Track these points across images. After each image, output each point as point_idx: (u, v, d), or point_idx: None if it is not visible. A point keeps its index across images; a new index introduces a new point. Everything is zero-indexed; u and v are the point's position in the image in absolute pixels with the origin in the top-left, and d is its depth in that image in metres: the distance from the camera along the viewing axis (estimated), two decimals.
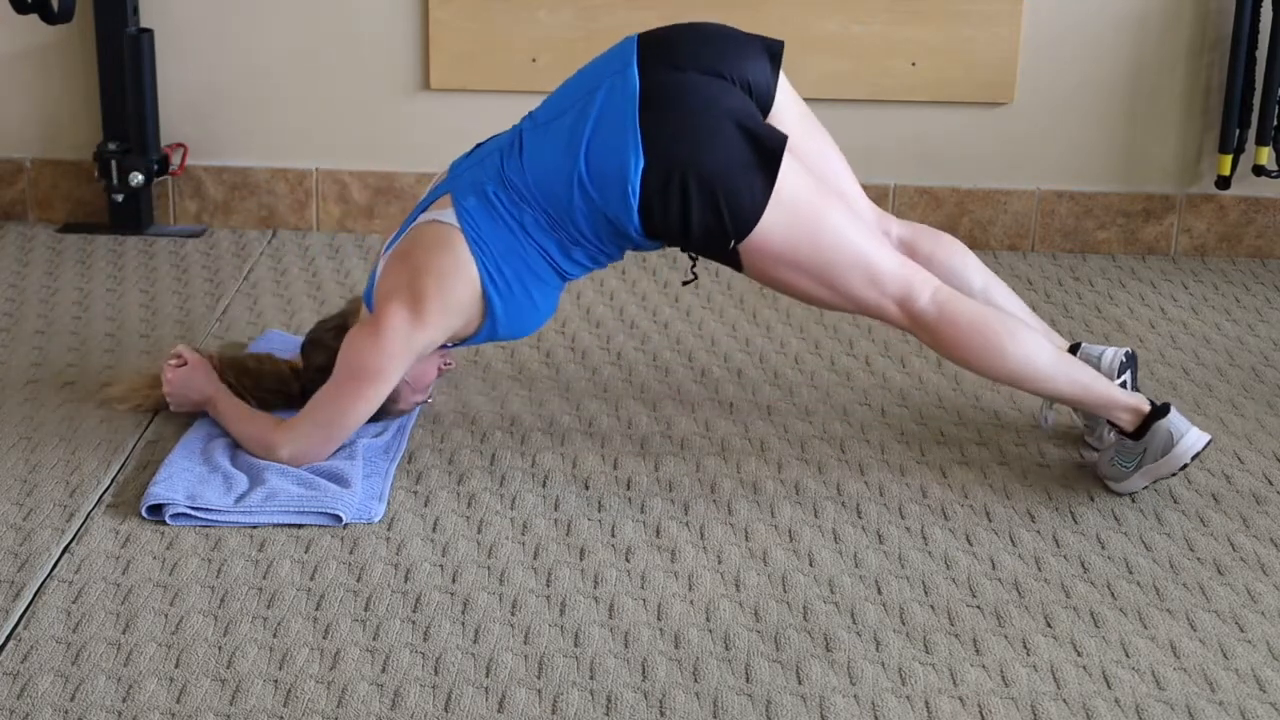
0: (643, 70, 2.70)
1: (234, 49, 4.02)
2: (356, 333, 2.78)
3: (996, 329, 2.74)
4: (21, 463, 2.86)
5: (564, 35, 3.94)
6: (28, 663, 2.29)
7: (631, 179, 2.65)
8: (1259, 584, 2.56)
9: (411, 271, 2.76)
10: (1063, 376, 2.76)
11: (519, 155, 2.74)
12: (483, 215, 2.74)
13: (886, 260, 2.75)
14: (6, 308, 3.59)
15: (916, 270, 2.77)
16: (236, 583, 2.50)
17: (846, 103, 4.00)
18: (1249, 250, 4.07)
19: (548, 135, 2.73)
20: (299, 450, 2.79)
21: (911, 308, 2.74)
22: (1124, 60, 3.97)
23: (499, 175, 2.75)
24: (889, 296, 2.74)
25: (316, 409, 2.80)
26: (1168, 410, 2.74)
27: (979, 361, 2.76)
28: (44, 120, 4.11)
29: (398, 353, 2.74)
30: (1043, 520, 2.74)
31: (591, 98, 2.71)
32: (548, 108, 2.80)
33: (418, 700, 2.22)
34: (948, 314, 2.74)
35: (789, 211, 2.68)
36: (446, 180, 2.84)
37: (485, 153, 2.83)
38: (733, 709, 2.22)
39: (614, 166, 2.66)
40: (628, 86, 2.68)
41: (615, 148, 2.66)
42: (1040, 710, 2.23)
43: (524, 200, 2.73)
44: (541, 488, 2.82)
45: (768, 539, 2.67)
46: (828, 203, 2.74)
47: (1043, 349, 2.77)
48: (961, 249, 3.00)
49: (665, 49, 2.74)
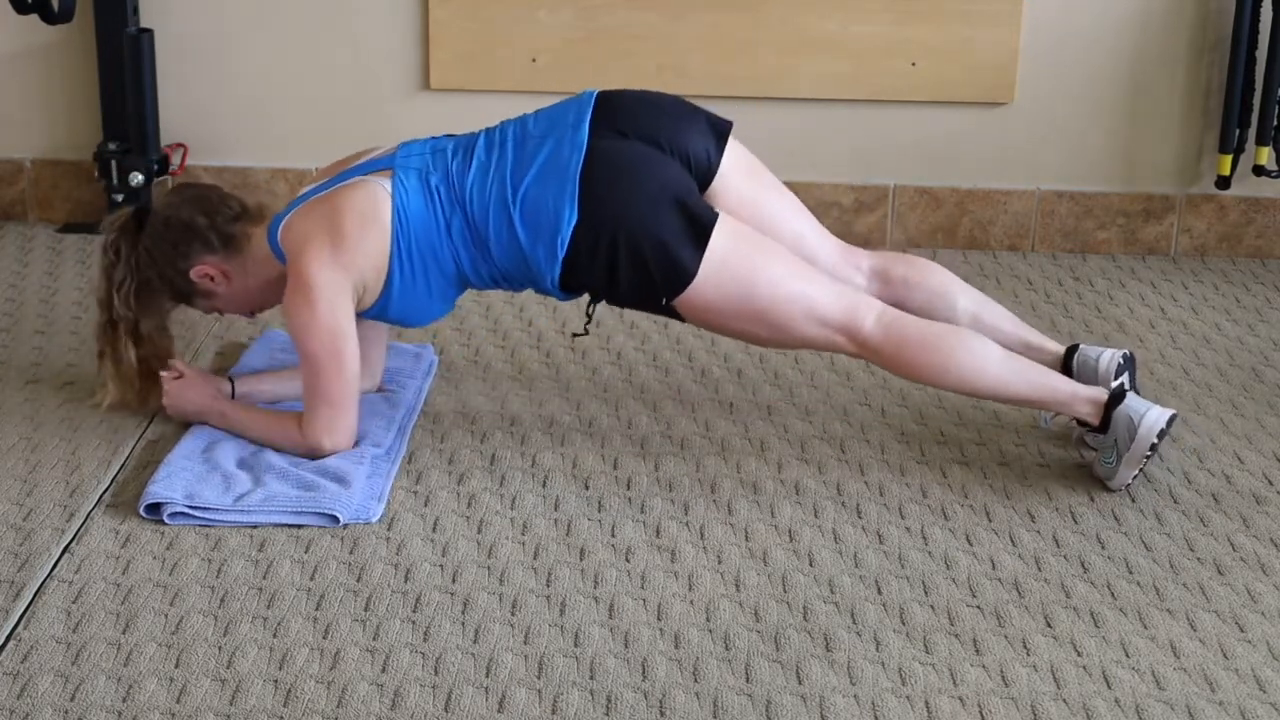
0: (593, 129, 2.79)
1: (234, 49, 4.03)
2: (292, 304, 2.78)
3: (945, 343, 2.79)
4: (21, 463, 2.86)
5: (564, 35, 3.94)
6: (28, 663, 2.29)
7: (563, 231, 2.73)
8: (1259, 584, 2.56)
9: (331, 212, 2.80)
10: (1018, 380, 2.80)
11: (469, 165, 2.81)
12: (417, 198, 2.79)
13: (825, 296, 2.79)
14: (6, 308, 3.59)
15: (858, 297, 2.83)
16: (236, 583, 2.50)
17: (846, 103, 4.00)
18: (1249, 250, 4.07)
19: (495, 161, 2.80)
20: (333, 434, 2.81)
21: (858, 335, 2.79)
22: (1124, 61, 3.97)
23: (446, 173, 2.81)
24: (833, 329, 2.79)
25: (314, 392, 2.81)
26: (1123, 396, 2.76)
27: (931, 377, 2.81)
28: (44, 120, 4.11)
29: (335, 300, 2.75)
30: (1043, 520, 2.74)
31: (542, 143, 2.79)
32: (502, 133, 2.86)
33: (418, 700, 2.22)
34: (894, 335, 2.78)
35: (720, 267, 2.75)
36: (392, 157, 2.87)
37: (440, 146, 2.87)
38: (733, 709, 2.22)
39: (548, 214, 2.74)
40: (576, 142, 2.77)
41: (553, 197, 2.74)
42: (1040, 710, 2.23)
43: (457, 205, 2.79)
44: (541, 488, 2.82)
45: (768, 539, 2.67)
46: (760, 251, 2.80)
47: (992, 357, 2.79)
48: (939, 272, 3.03)
49: (617, 114, 2.83)
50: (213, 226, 2.86)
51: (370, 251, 2.78)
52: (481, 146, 2.83)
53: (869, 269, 3.00)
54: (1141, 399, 2.78)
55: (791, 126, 4.02)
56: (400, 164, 2.84)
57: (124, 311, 2.91)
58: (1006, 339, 2.95)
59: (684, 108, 2.94)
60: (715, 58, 3.95)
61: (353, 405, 2.83)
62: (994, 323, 2.97)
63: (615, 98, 2.87)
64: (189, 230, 2.85)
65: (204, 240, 2.85)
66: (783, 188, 3.03)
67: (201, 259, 2.86)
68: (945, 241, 4.07)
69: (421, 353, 3.32)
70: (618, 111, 2.83)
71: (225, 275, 2.88)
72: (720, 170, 2.90)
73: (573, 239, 2.73)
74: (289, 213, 2.85)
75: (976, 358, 2.78)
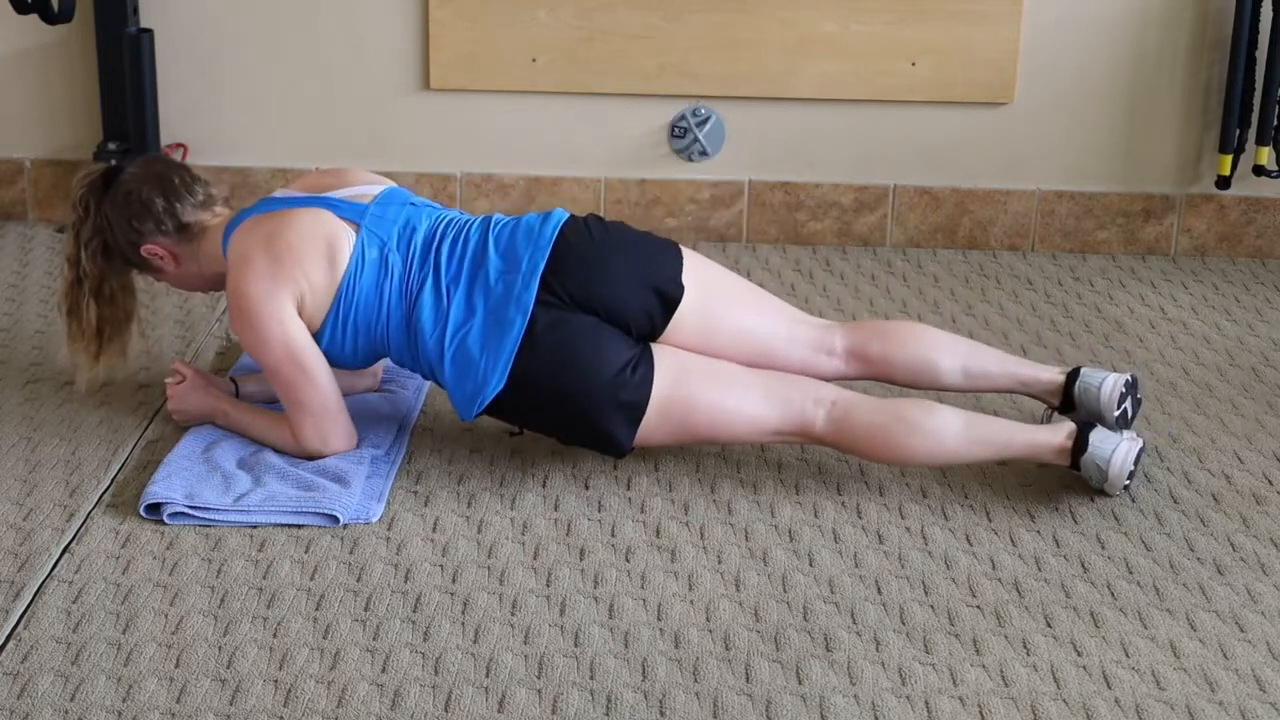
0: (540, 293, 2.72)
1: (234, 49, 4.02)
2: (237, 327, 2.78)
3: (897, 432, 2.76)
4: (21, 463, 2.86)
5: (564, 35, 3.94)
6: (28, 663, 2.29)
7: (485, 394, 2.73)
8: (1259, 584, 2.56)
9: (281, 229, 2.78)
10: (978, 445, 2.77)
11: (425, 273, 2.78)
12: (371, 271, 2.77)
13: (769, 410, 2.77)
14: (6, 308, 3.59)
15: (803, 398, 2.78)
16: (236, 583, 2.50)
17: (846, 103, 4.00)
18: (1249, 250, 4.07)
19: (449, 287, 2.76)
20: (328, 441, 2.81)
21: (811, 434, 2.79)
22: (1124, 60, 3.97)
23: (406, 259, 2.79)
24: (787, 434, 2.80)
25: (293, 406, 2.81)
26: (1086, 444, 2.73)
27: (891, 459, 2.80)
28: (44, 120, 4.11)
29: (278, 313, 2.74)
30: (1043, 520, 2.74)
31: (492, 289, 2.74)
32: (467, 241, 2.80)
33: (418, 700, 2.22)
34: (846, 430, 2.77)
35: (660, 415, 2.75)
36: (367, 210, 2.82)
37: (413, 222, 2.83)
38: (733, 709, 2.22)
39: (476, 374, 2.72)
40: (522, 306, 2.72)
41: (485, 362, 2.71)
42: (1040, 710, 2.23)
43: (404, 299, 2.78)
44: (541, 488, 2.82)
45: (768, 539, 2.67)
46: (695, 387, 2.76)
47: (949, 430, 2.76)
48: (918, 332, 2.99)
49: (566, 275, 2.75)
50: (169, 210, 2.86)
51: (314, 281, 2.76)
52: (444, 254, 2.78)
53: (844, 351, 2.93)
54: (1108, 436, 2.74)
55: (791, 126, 4.02)
56: (369, 225, 2.80)
57: (90, 268, 2.91)
58: (997, 383, 2.95)
59: (635, 266, 2.81)
60: (715, 58, 3.94)
61: (336, 409, 2.82)
62: (983, 371, 2.94)
63: (571, 246, 2.78)
64: (145, 209, 2.86)
65: (157, 222, 2.86)
66: (741, 295, 2.94)
67: (153, 238, 2.87)
68: (945, 241, 4.07)
69: None
70: (568, 265, 2.75)
71: (174, 258, 2.89)
72: (680, 307, 2.82)
73: (496, 399, 2.73)
74: (249, 215, 2.85)
75: (930, 439, 2.75)
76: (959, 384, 2.94)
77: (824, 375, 2.91)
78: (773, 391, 2.79)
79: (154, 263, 2.90)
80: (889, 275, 3.88)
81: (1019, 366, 2.98)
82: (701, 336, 2.84)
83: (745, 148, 4.03)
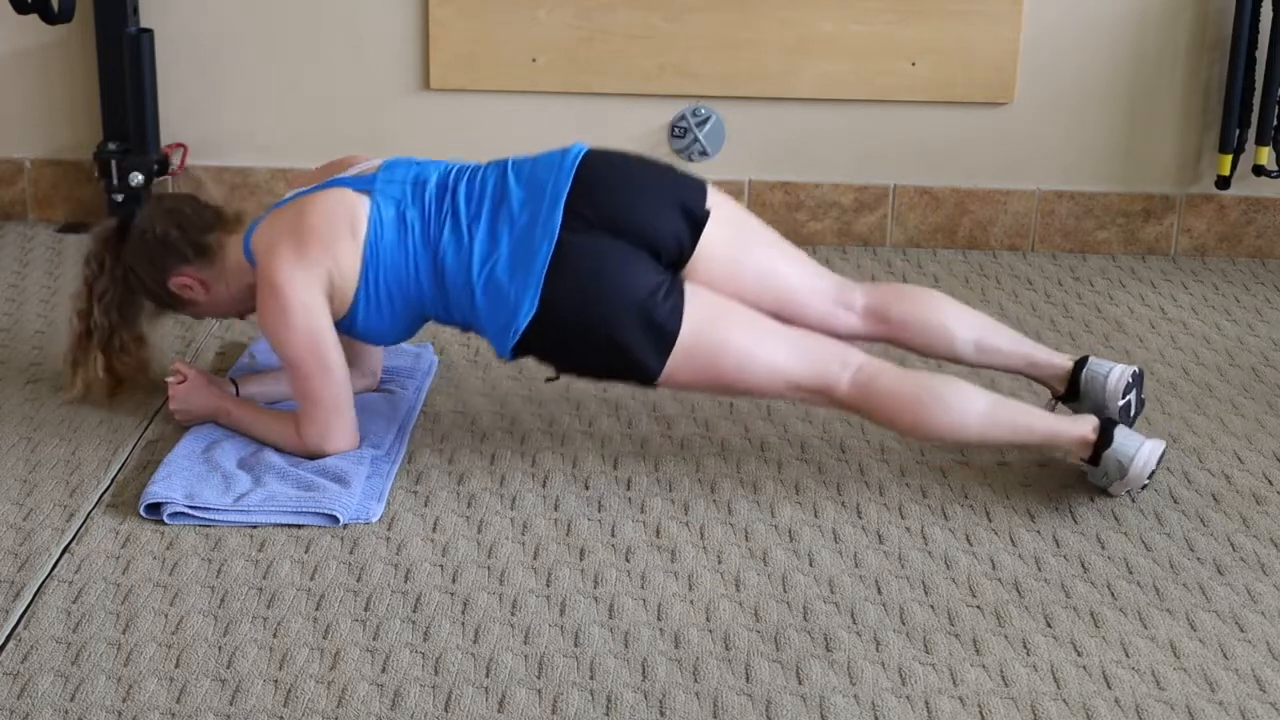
0: (565, 217, 2.72)
1: (234, 49, 4.02)
2: (265, 312, 2.78)
3: (922, 401, 2.74)
4: (21, 463, 2.86)
5: (564, 35, 3.94)
6: (28, 663, 2.29)
7: (519, 321, 2.72)
8: (1259, 584, 2.56)
9: (300, 215, 2.79)
10: (1000, 428, 2.75)
11: (444, 213, 2.79)
12: (391, 231, 2.78)
13: (797, 363, 2.76)
14: (6, 308, 3.59)
15: (831, 357, 2.78)
16: (236, 583, 2.50)
17: (846, 103, 4.00)
18: (1249, 250, 4.07)
19: (470, 221, 2.77)
20: (334, 438, 2.81)
21: (834, 396, 2.77)
22: (1124, 60, 3.97)
23: (423, 210, 2.79)
24: (809, 391, 2.78)
25: (305, 398, 2.81)
26: (1111, 438, 2.72)
27: (913, 433, 2.78)
28: (44, 120, 4.11)
29: (308, 302, 2.74)
30: (1043, 520, 2.74)
31: (515, 219, 2.75)
32: (485, 182, 2.81)
33: (418, 700, 2.22)
34: (871, 394, 2.75)
35: (686, 354, 2.73)
36: (375, 178, 2.84)
37: (422, 176, 2.84)
38: (733, 709, 2.22)
39: (508, 302, 2.72)
40: (548, 230, 2.72)
41: (515, 288, 2.71)
42: (1040, 710, 2.23)
43: (429, 248, 2.77)
44: (541, 488, 2.82)
45: (768, 539, 2.67)
46: (727, 329, 2.76)
47: (973, 409, 2.74)
48: (935, 300, 2.99)
49: (591, 198, 2.75)
50: (186, 239, 2.87)
51: (340, 258, 2.77)
52: (461, 194, 2.79)
53: (863, 308, 2.94)
54: (1132, 435, 2.73)
55: (791, 126, 4.02)
56: (380, 189, 2.81)
57: (102, 321, 2.94)
58: (1008, 360, 2.94)
59: (661, 190, 2.83)
60: (715, 58, 3.95)
61: (347, 405, 2.83)
62: (995, 346, 2.94)
63: (595, 172, 2.78)
64: (163, 244, 2.87)
65: (179, 253, 2.87)
66: (764, 235, 2.94)
67: (179, 270, 2.88)
68: (945, 241, 4.07)
69: (421, 353, 3.32)
70: (592, 194, 2.76)
71: (203, 284, 2.89)
72: (702, 241, 2.82)
73: (529, 328, 2.72)
74: (264, 218, 2.86)
75: (954, 414, 2.73)
76: (970, 357, 2.94)
77: (840, 331, 2.90)
78: (802, 346, 2.79)
79: (186, 295, 2.91)
80: (889, 275, 3.89)
81: (1032, 348, 2.97)
82: (728, 273, 2.83)
83: (745, 148, 4.04)
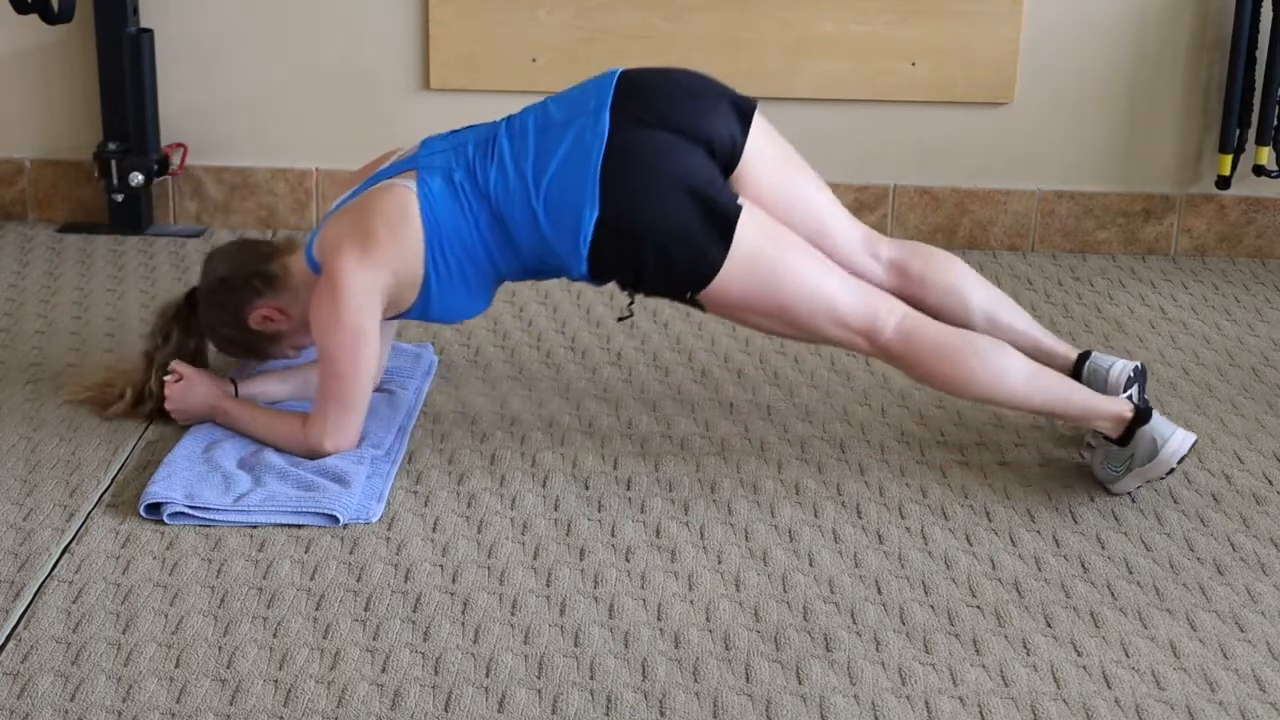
0: (614, 118, 2.74)
1: (234, 49, 4.02)
2: (319, 303, 2.78)
3: (965, 353, 2.76)
4: (21, 463, 2.86)
5: (564, 35, 3.94)
6: (28, 663, 2.29)
7: (585, 227, 2.71)
8: (1259, 584, 2.56)
9: (361, 217, 2.80)
10: (1038, 393, 2.77)
11: (490, 157, 2.79)
12: (444, 198, 2.78)
13: (848, 298, 2.78)
14: (6, 308, 3.59)
15: (880, 301, 2.80)
16: (236, 583, 2.50)
17: (846, 103, 4.00)
18: (1249, 250, 4.07)
19: (516, 152, 2.78)
20: (337, 434, 2.81)
21: (877, 340, 2.78)
22: (1124, 60, 3.97)
23: (470, 167, 2.79)
24: (854, 331, 2.78)
25: (326, 392, 2.81)
26: (1149, 416, 2.73)
27: (950, 385, 2.79)
28: (44, 120, 4.11)
29: (363, 302, 2.76)
30: (1043, 520, 2.74)
31: (562, 134, 2.76)
32: (523, 121, 2.83)
33: (418, 700, 2.22)
34: (914, 342, 2.77)
35: (746, 264, 2.73)
36: (415, 156, 2.86)
37: (461, 140, 2.86)
38: (733, 709, 2.22)
39: (570, 210, 2.72)
40: (597, 133, 2.73)
41: (574, 192, 2.72)
42: (1040, 710, 2.23)
43: (483, 199, 2.77)
44: (541, 488, 2.82)
45: (768, 539, 2.67)
46: (786, 249, 2.77)
47: (1013, 368, 2.76)
48: (957, 266, 3.00)
49: (639, 98, 2.78)
50: (253, 272, 2.89)
51: (404, 255, 2.77)
52: (504, 137, 2.81)
53: (888, 260, 2.97)
54: (1167, 421, 2.74)
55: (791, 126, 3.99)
56: (424, 163, 2.83)
57: (156, 390, 2.98)
58: (1018, 341, 2.93)
59: (708, 88, 2.88)
60: (715, 58, 3.94)
61: (363, 409, 2.83)
62: (1008, 322, 2.94)
63: (638, 80, 2.82)
64: (231, 288, 2.89)
65: (249, 288, 2.88)
66: (807, 169, 2.98)
67: (254, 306, 2.88)
68: (945, 241, 4.07)
69: (421, 353, 3.32)
70: (639, 96, 2.78)
71: (281, 311, 2.90)
72: (746, 154, 2.85)
73: (596, 233, 2.71)
74: (321, 229, 2.86)
75: (995, 371, 2.75)
76: (981, 327, 2.93)
77: (865, 279, 2.91)
78: (854, 284, 2.81)
79: (270, 328, 2.91)
80: None
81: (1041, 334, 2.98)
82: (774, 192, 2.85)
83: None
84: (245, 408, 2.92)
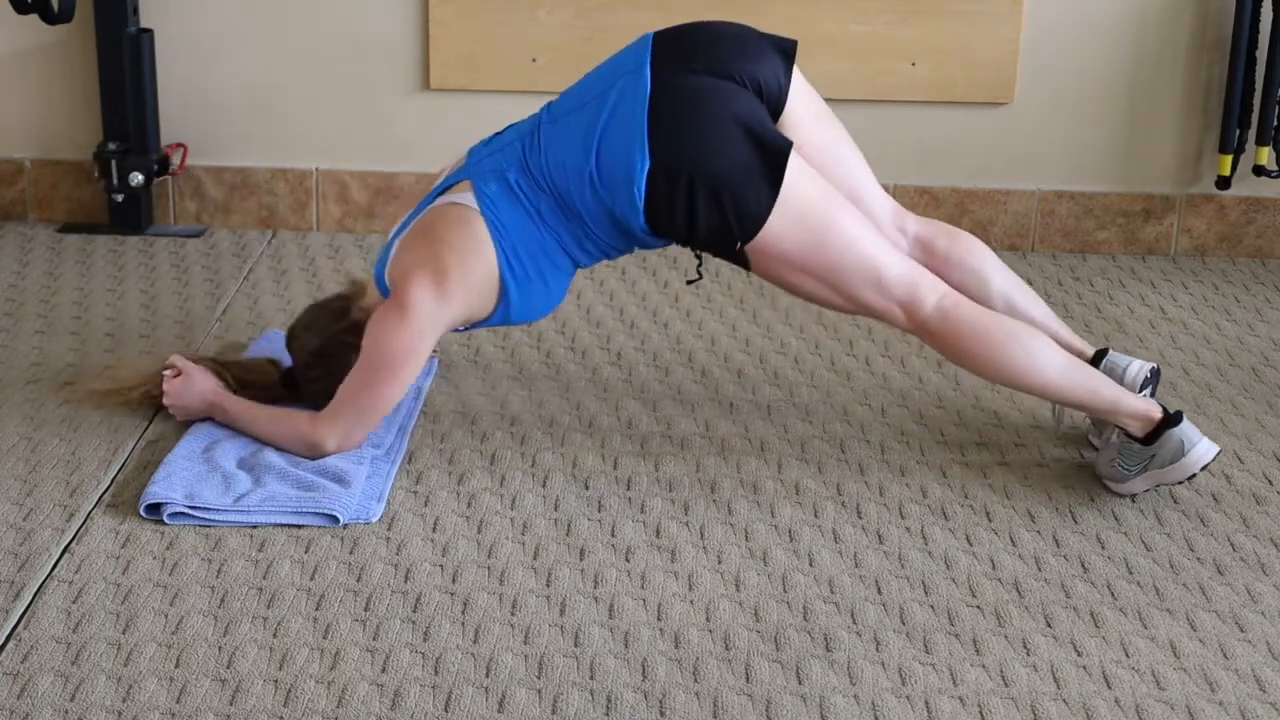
0: (655, 71, 2.73)
1: (234, 49, 4.03)
2: (382, 315, 2.78)
3: (1002, 336, 2.75)
4: (21, 463, 2.86)
5: (564, 35, 3.94)
6: (28, 663, 2.29)
7: (637, 179, 2.68)
8: (1259, 584, 2.56)
9: (431, 246, 2.78)
10: (1071, 384, 2.75)
11: (538, 146, 2.78)
12: (504, 201, 2.77)
13: (893, 266, 2.76)
14: (6, 308, 3.59)
15: (923, 275, 2.78)
16: (236, 583, 2.50)
17: (846, 103, 3.99)
18: (1249, 250, 4.07)
19: (562, 130, 2.77)
20: (345, 440, 2.81)
21: (916, 314, 2.76)
22: (1124, 60, 3.97)
23: (521, 162, 2.79)
24: (894, 301, 2.76)
25: (351, 396, 2.80)
26: (1180, 419, 2.72)
27: (984, 368, 2.77)
28: (44, 120, 4.11)
29: (425, 330, 2.76)
30: (1043, 520, 2.74)
31: (605, 97, 2.74)
32: (564, 101, 2.83)
33: (418, 700, 2.22)
34: (952, 321, 2.75)
35: (797, 216, 2.71)
36: (465, 167, 2.87)
37: (506, 141, 2.85)
38: (733, 709, 2.22)
39: (621, 166, 2.69)
40: (639, 88, 2.71)
41: (623, 148, 2.69)
42: (1040, 710, 2.23)
43: (541, 189, 2.76)
44: (541, 488, 2.82)
45: (768, 539, 2.67)
46: (836, 207, 2.75)
47: (1049, 356, 2.75)
48: (980, 248, 2.99)
49: (679, 50, 2.76)
50: (340, 330, 2.90)
51: (477, 280, 2.77)
52: (545, 122, 2.80)
53: (914, 235, 2.97)
54: (1194, 428, 2.72)
55: None
56: (474, 172, 2.82)
57: None
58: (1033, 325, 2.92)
59: (747, 33, 2.86)
60: None
61: (376, 423, 2.83)
62: (1025, 309, 2.93)
63: (673, 36, 2.80)
64: (329, 353, 2.90)
65: (345, 346, 2.87)
66: (842, 128, 2.97)
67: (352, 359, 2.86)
68: None
69: None
70: (681, 48, 2.77)
71: None
72: (789, 106, 2.83)
73: (649, 184, 2.69)
74: (387, 256, 2.85)
75: (1032, 358, 2.74)
76: (1000, 311, 2.91)
77: None
78: (900, 255, 2.80)
79: None
80: None
81: (1059, 326, 2.97)
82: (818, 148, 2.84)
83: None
84: (243, 405, 2.92)
